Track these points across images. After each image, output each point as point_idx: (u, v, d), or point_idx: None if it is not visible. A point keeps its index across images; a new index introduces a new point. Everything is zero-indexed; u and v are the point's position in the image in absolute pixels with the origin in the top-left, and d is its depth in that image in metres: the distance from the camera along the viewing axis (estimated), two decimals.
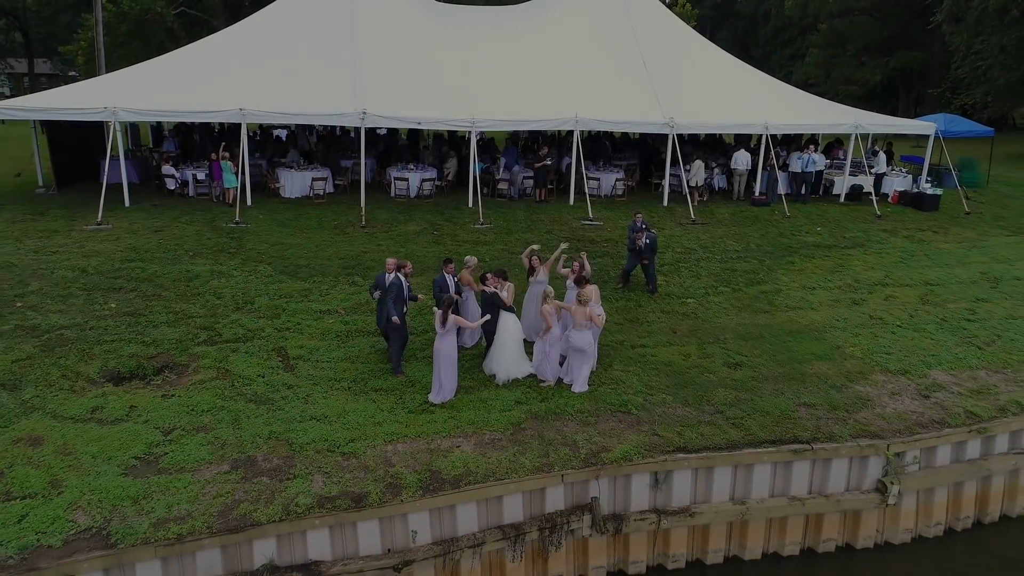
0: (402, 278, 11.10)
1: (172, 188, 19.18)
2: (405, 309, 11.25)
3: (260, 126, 29.14)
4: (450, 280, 11.49)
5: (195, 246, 15.73)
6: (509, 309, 11.28)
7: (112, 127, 17.38)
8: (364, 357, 11.74)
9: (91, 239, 15.82)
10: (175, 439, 9.43)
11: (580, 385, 10.96)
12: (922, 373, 12.19)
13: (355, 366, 11.45)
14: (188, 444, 9.34)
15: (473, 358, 11.82)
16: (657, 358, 12.21)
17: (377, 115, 18.68)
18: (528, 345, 11.67)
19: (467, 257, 12.40)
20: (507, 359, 11.22)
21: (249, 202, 18.77)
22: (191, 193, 19.54)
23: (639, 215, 15.20)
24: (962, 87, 36.34)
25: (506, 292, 11.30)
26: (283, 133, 29.17)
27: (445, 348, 10.43)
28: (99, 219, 16.63)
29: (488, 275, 11.48)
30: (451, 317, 10.30)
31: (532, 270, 12.26)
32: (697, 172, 21.16)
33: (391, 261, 11.22)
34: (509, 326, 11.25)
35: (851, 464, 10.30)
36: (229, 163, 18.76)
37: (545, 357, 11.10)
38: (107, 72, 25.61)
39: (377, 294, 11.18)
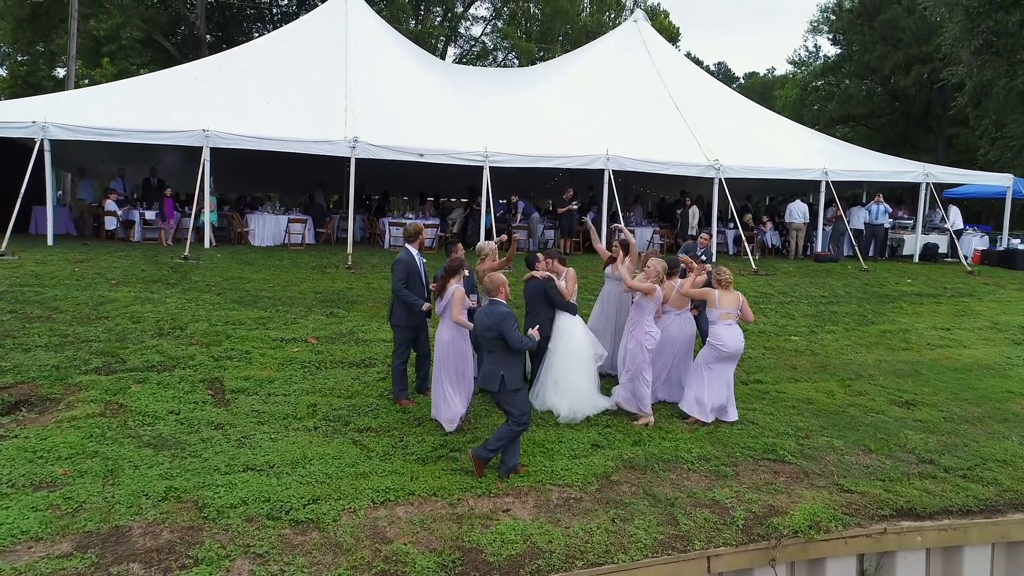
0: (413, 252, 7.18)
1: (112, 228, 15.27)
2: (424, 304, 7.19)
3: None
4: None
5: (122, 276, 11.70)
6: (571, 309, 7.29)
7: (39, 146, 13.77)
8: (343, 389, 7.58)
9: None
10: None
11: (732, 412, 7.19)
12: None
13: (328, 399, 7.28)
14: (9, 509, 5.04)
15: None
16: (788, 395, 8.12)
17: (370, 144, 15.32)
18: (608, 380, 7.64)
19: (479, 244, 7.88)
20: (574, 385, 7.04)
21: (207, 244, 14.96)
22: (136, 237, 15.67)
23: (704, 237, 11.19)
24: (994, 171, 34.34)
25: (564, 281, 7.37)
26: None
27: (446, 336, 6.50)
28: (2, 248, 12.70)
29: (539, 255, 7.60)
30: (452, 287, 6.52)
31: (612, 260, 8.08)
32: (692, 219, 18.25)
33: None
34: (575, 332, 7.19)
35: None
36: (216, 197, 15.77)
37: (639, 375, 6.98)
38: None
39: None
